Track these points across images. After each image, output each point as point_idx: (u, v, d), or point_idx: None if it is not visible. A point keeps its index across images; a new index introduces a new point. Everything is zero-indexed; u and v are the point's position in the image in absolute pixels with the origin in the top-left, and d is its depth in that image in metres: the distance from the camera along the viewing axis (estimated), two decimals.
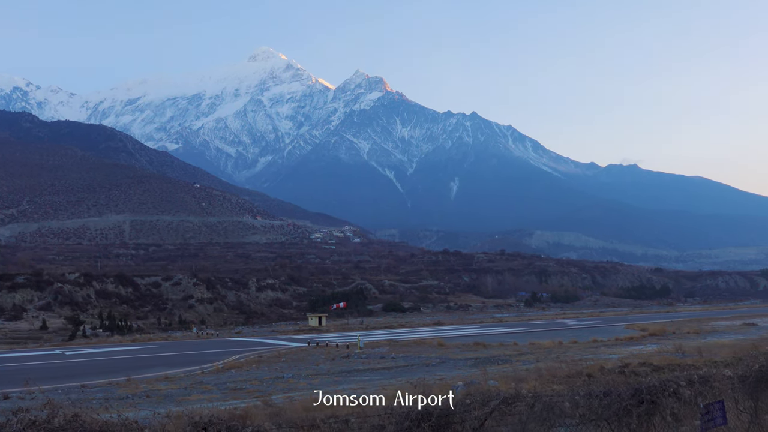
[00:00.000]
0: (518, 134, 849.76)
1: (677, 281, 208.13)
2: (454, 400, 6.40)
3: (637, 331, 52.35)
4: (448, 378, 25.56)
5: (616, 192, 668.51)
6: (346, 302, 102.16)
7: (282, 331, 77.39)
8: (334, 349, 44.71)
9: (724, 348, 32.88)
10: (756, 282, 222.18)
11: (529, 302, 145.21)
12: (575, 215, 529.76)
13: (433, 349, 42.41)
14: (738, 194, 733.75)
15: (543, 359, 32.12)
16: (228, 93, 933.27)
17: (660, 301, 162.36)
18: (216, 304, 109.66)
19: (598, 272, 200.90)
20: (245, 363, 36.47)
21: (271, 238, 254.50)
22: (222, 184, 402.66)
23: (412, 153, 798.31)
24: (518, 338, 48.58)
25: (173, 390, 25.22)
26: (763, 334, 45.91)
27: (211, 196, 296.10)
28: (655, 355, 31.93)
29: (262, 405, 19.83)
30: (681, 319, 75.51)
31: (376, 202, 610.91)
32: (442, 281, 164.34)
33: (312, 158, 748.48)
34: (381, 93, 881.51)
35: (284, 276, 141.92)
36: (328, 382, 27.05)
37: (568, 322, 76.27)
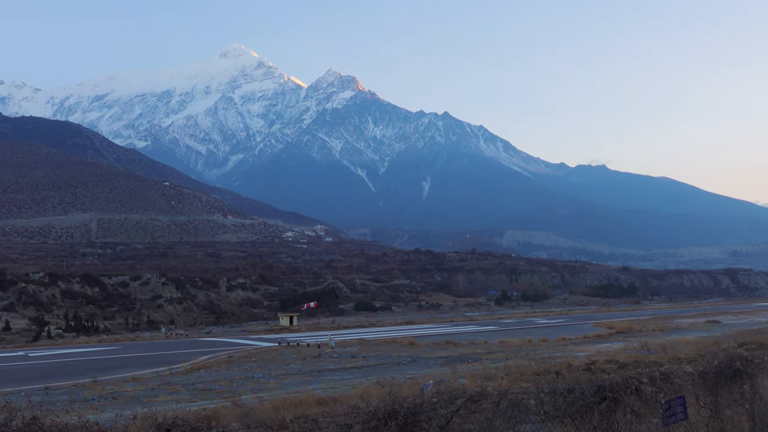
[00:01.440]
0: (489, 134, 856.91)
1: (644, 280, 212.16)
2: (422, 399, 6.46)
3: (604, 329, 53.20)
4: (418, 377, 25.66)
5: (585, 192, 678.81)
6: (318, 301, 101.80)
7: (253, 331, 76.79)
8: (305, 348, 44.53)
9: (688, 345, 33.60)
10: (719, 280, 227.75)
11: (499, 301, 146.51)
12: (545, 215, 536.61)
13: (404, 348, 42.51)
14: (702, 195, 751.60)
15: (512, 357, 32.45)
16: (199, 90, 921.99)
17: (627, 300, 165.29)
18: (185, 304, 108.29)
19: (568, 271, 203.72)
20: (215, 363, 36.10)
21: (242, 237, 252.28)
22: (192, 183, 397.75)
23: (384, 152, 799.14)
24: (489, 337, 48.99)
25: (140, 391, 24.85)
26: (726, 331, 47.07)
27: (180, 194, 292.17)
28: (621, 352, 32.50)
29: (232, 405, 19.66)
30: (647, 316, 76.98)
31: (348, 201, 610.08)
32: (414, 280, 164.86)
33: (284, 157, 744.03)
34: (353, 92, 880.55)
35: (255, 275, 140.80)
36: (298, 381, 26.93)
37: (537, 321, 77.18)
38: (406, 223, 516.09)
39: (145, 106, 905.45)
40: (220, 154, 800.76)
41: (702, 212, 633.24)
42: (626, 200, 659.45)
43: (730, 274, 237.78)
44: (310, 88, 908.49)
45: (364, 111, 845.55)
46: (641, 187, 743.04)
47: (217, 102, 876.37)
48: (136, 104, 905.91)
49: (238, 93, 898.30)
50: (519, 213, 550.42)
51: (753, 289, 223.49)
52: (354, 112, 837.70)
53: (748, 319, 63.33)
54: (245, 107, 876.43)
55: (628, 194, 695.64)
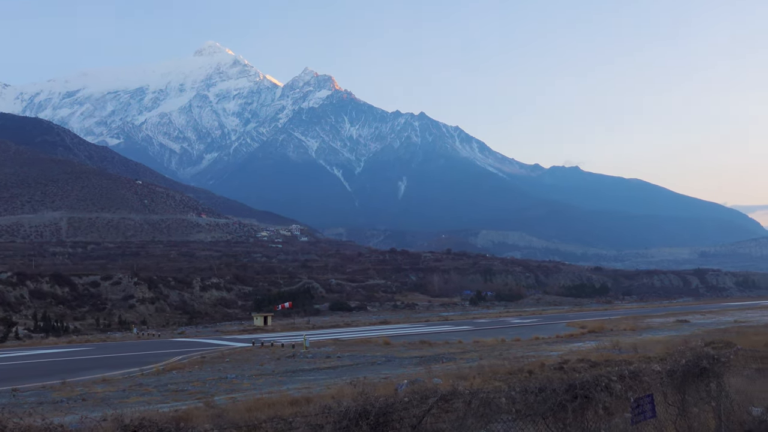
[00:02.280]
0: (465, 135, 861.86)
1: (615, 280, 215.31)
2: (394, 398, 6.46)
3: (577, 329, 53.84)
4: (393, 376, 25.69)
5: (558, 193, 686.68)
6: (293, 301, 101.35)
7: (226, 331, 76.12)
8: (279, 348, 44.28)
9: (658, 344, 34.18)
10: (689, 281, 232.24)
11: (474, 301, 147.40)
12: (520, 215, 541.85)
13: (379, 347, 42.51)
14: (672, 196, 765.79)
15: (486, 357, 32.67)
16: (173, 88, 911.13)
17: (599, 299, 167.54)
18: (158, 304, 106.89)
19: (541, 271, 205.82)
20: (188, 364, 35.69)
21: (216, 237, 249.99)
22: (165, 181, 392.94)
23: (361, 152, 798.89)
24: (463, 336, 49.24)
25: (111, 393, 24.46)
26: (695, 330, 47.98)
27: (153, 193, 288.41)
28: (593, 351, 32.93)
29: (204, 406, 19.47)
30: (619, 316, 78.13)
31: (323, 200, 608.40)
32: (389, 280, 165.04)
33: (259, 156, 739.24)
34: (330, 91, 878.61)
35: (229, 275, 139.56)
36: (272, 382, 26.77)
37: (511, 320, 77.81)
38: (381, 223, 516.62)
39: (118, 103, 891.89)
40: (195, 153, 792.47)
41: (672, 213, 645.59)
42: (599, 201, 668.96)
43: (699, 274, 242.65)
44: (286, 87, 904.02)
45: (340, 110, 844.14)
46: (613, 188, 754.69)
47: (191, 100, 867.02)
48: (109, 101, 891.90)
49: (213, 91, 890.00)
50: (494, 213, 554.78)
51: (721, 290, 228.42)
52: (330, 112, 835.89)
53: (716, 319, 64.66)
54: (220, 105, 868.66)
55: (600, 195, 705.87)
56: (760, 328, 46.41)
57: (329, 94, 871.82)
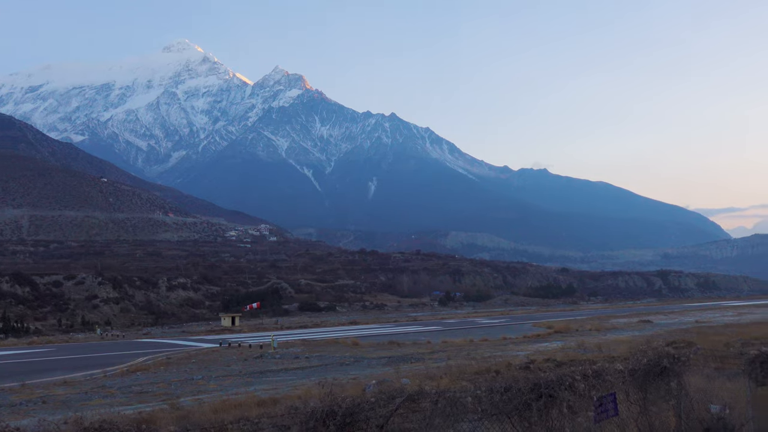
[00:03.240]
0: (435, 136, 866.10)
1: (581, 281, 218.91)
2: (361, 399, 6.46)
3: (543, 329, 54.55)
4: (361, 377, 25.69)
5: (527, 195, 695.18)
6: (261, 302, 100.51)
7: (193, 332, 75.15)
8: (247, 349, 43.91)
9: (622, 344, 34.84)
10: (652, 282, 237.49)
11: (443, 301, 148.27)
12: (488, 217, 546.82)
13: (347, 348, 42.46)
14: (637, 199, 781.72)
15: (455, 357, 32.88)
16: (140, 84, 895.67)
17: (566, 300, 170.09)
18: (123, 304, 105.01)
19: (509, 272, 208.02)
20: (153, 365, 35.14)
21: (184, 236, 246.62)
22: (132, 179, 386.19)
23: (331, 152, 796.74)
24: (432, 337, 49.48)
25: (72, 395, 23.94)
26: (657, 330, 49.05)
27: (119, 191, 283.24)
28: (559, 351, 33.42)
29: (169, 408, 19.20)
30: (584, 317, 79.38)
31: (293, 200, 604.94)
32: (359, 281, 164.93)
33: (228, 154, 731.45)
34: (300, 90, 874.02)
35: (197, 275, 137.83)
36: (239, 383, 26.53)
37: (479, 321, 78.44)
38: (351, 223, 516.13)
39: (83, 98, 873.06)
40: (162, 151, 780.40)
41: (637, 216, 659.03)
42: (566, 203, 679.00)
43: (662, 275, 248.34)
44: (256, 85, 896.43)
45: (311, 110, 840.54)
46: (580, 191, 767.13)
47: (159, 97, 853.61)
48: (73, 97, 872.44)
49: (182, 88, 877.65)
50: (463, 215, 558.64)
51: (683, 290, 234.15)
52: (301, 111, 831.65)
53: (677, 319, 66.17)
54: (189, 103, 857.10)
55: (568, 198, 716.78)
56: (720, 328, 47.69)
57: (300, 93, 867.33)
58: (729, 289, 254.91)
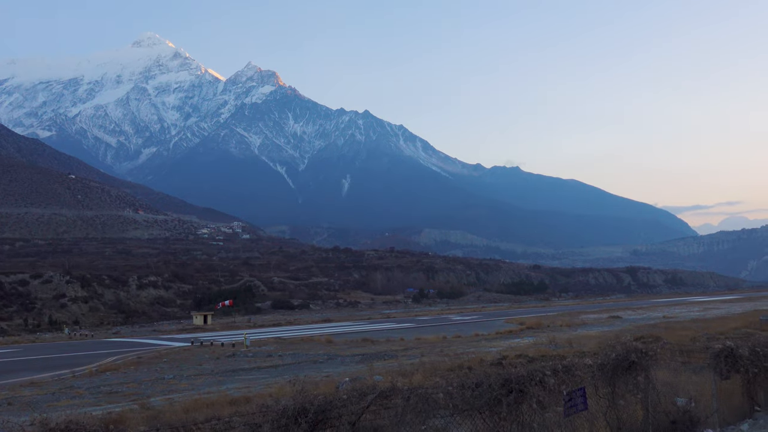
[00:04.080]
0: (409, 134, 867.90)
1: (553, 278, 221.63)
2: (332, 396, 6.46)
3: (515, 325, 55.11)
4: (335, 374, 25.65)
5: (499, 193, 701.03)
6: (234, 300, 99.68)
7: (164, 331, 74.21)
8: (219, 348, 43.53)
9: (592, 339, 35.39)
10: (621, 278, 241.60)
11: (416, 298, 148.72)
12: (462, 214, 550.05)
13: (321, 346, 42.36)
14: (607, 197, 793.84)
15: (428, 354, 33.02)
16: (109, 79, 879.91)
17: (537, 296, 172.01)
18: (92, 303, 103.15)
19: (482, 269, 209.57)
20: (123, 365, 34.62)
21: (155, 234, 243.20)
22: (100, 176, 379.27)
23: (304, 149, 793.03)
24: (405, 334, 49.62)
25: (40, 396, 23.47)
26: (626, 326, 49.91)
27: (87, 188, 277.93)
28: (531, 347, 33.79)
29: (139, 408, 18.95)
30: (555, 313, 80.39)
31: (266, 197, 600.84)
32: (332, 278, 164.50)
33: (200, 151, 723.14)
34: (273, 87, 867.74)
35: (168, 273, 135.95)
36: (211, 382, 26.29)
37: (452, 318, 78.89)
38: (325, 220, 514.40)
39: (50, 93, 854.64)
40: (132, 147, 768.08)
41: (607, 213, 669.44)
42: (538, 201, 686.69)
43: (631, 272, 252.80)
44: (228, 81, 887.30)
45: (284, 107, 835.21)
46: (552, 188, 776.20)
47: (129, 92, 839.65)
48: (40, 91, 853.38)
49: (152, 84, 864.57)
50: (436, 212, 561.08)
51: (651, 287, 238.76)
52: (274, 108, 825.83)
53: (646, 315, 67.42)
54: (159, 99, 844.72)
55: (539, 195, 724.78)
56: (687, 323, 48.74)
57: (273, 89, 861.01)
58: (695, 285, 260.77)
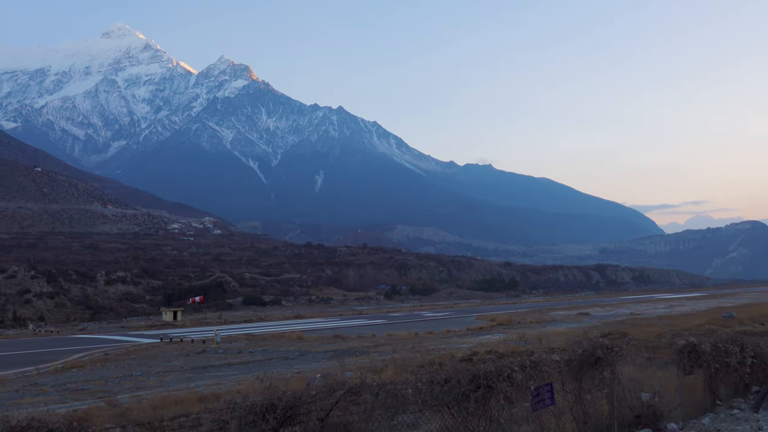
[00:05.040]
0: (383, 131, 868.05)
1: (524, 275, 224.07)
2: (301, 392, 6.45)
3: (486, 322, 55.61)
4: (306, 371, 25.60)
5: (472, 190, 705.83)
6: (204, 296, 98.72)
7: (133, 327, 73.11)
8: (189, 344, 43.08)
9: (561, 336, 35.90)
10: (590, 275, 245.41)
11: (389, 295, 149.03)
12: (434, 211, 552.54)
13: (292, 342, 42.22)
14: (577, 195, 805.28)
15: (399, 350, 33.14)
16: (77, 70, 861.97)
17: (508, 293, 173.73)
18: (58, 299, 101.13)
19: (454, 266, 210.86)
20: (89, 361, 34.04)
21: (123, 229, 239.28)
22: (68, 169, 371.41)
23: (277, 144, 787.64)
24: (377, 330, 49.71)
25: (2, 393, 22.97)
26: (594, 322, 50.75)
27: (54, 181, 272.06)
28: (501, 343, 34.14)
29: (106, 406, 18.68)
30: (526, 309, 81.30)
31: (238, 193, 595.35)
32: (305, 274, 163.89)
33: (171, 145, 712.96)
34: (246, 81, 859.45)
35: (137, 269, 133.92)
36: (180, 379, 26.02)
37: (424, 314, 79.26)
38: (297, 216, 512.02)
39: (15, 84, 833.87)
40: (101, 140, 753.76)
41: (577, 211, 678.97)
42: (510, 199, 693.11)
43: (599, 269, 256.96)
44: (200, 74, 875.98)
45: (257, 101, 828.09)
46: (524, 186, 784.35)
47: (98, 84, 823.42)
48: (5, 82, 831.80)
49: (122, 76, 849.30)
50: (409, 209, 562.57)
51: (619, 284, 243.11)
52: (247, 102, 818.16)
53: (614, 312, 68.63)
54: (129, 91, 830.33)
55: (511, 193, 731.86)
56: (653, 320, 49.77)
57: (246, 84, 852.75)
58: (662, 283, 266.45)
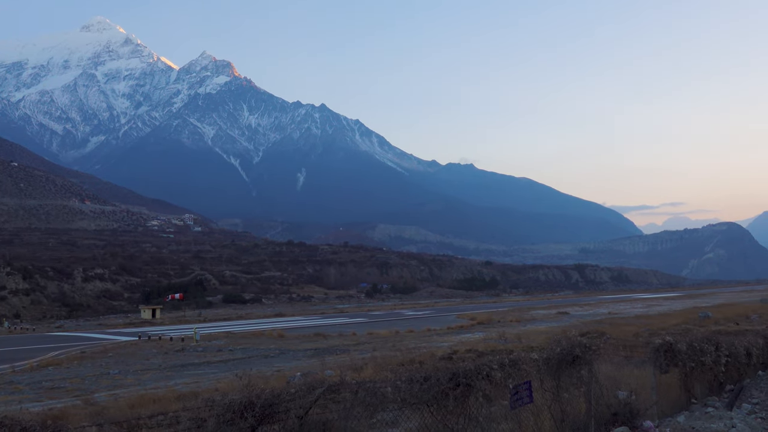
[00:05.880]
0: (365, 129, 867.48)
1: (504, 274, 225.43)
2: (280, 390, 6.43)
3: (467, 320, 55.84)
4: (286, 369, 25.50)
5: (453, 189, 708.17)
6: (184, 293, 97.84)
7: (111, 325, 72.25)
8: (167, 342, 42.68)
9: (540, 335, 36.19)
10: (570, 275, 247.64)
11: (370, 293, 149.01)
12: (416, 210, 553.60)
13: (272, 340, 42.03)
14: (558, 195, 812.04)
15: (380, 348, 33.14)
16: (55, 64, 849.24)
17: (489, 292, 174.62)
18: (34, 296, 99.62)
19: (435, 265, 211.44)
20: (65, 359, 33.57)
21: (102, 225, 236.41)
22: (45, 164, 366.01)
23: (259, 141, 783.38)
24: (357, 328, 49.67)
25: None
26: (573, 321, 51.21)
27: (31, 176, 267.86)
28: (481, 342, 34.32)
29: (82, 404, 18.44)
30: (506, 308, 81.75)
31: (219, 190, 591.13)
32: (286, 272, 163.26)
33: (151, 141, 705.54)
34: (228, 77, 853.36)
35: (115, 266, 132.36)
36: (159, 377, 25.78)
37: (405, 313, 79.37)
38: (279, 214, 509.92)
39: None
40: (79, 135, 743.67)
41: (557, 211, 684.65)
42: (491, 198, 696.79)
43: (579, 269, 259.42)
44: (181, 70, 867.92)
45: (239, 98, 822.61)
46: (505, 186, 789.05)
47: (77, 78, 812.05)
48: None
49: (102, 70, 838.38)
50: (391, 207, 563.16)
51: (598, 283, 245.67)
52: (228, 99, 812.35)
53: (592, 311, 69.31)
54: (109, 86, 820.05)
55: (493, 193, 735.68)
56: (631, 319, 50.36)
57: (228, 80, 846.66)
58: (640, 282, 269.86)
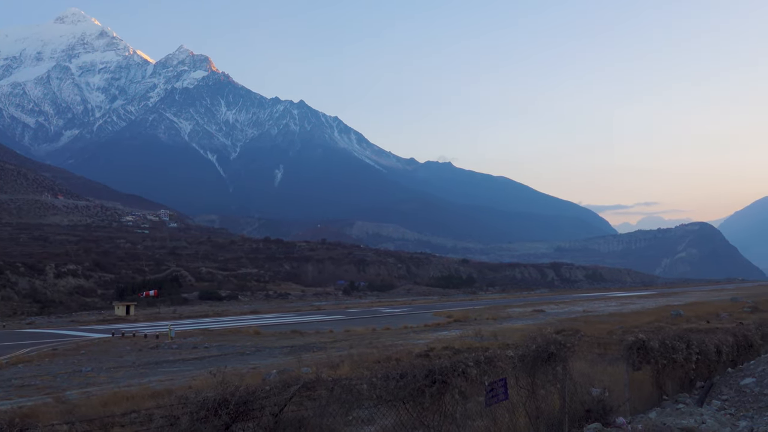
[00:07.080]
0: (344, 126, 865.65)
1: (481, 272, 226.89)
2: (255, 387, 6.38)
3: (443, 318, 56.11)
4: (262, 366, 25.38)
5: (431, 187, 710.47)
6: (159, 290, 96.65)
7: (84, 322, 71.18)
8: (142, 339, 42.19)
9: (516, 332, 36.52)
10: (546, 273, 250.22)
11: (347, 291, 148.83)
12: (394, 208, 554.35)
13: (249, 337, 41.80)
14: (534, 194, 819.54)
15: (357, 346, 33.15)
16: (28, 56, 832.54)
17: (465, 290, 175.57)
18: (4, 292, 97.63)
19: (413, 263, 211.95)
20: (36, 357, 33.00)
21: (75, 220, 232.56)
22: (17, 158, 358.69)
23: (237, 137, 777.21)
24: (334, 326, 49.62)
25: None
26: (549, 319, 51.76)
27: (2, 170, 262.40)
28: (457, 339, 34.51)
29: (53, 402, 18.16)
30: (482, 306, 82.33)
31: (196, 185, 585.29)
32: (262, 269, 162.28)
33: (126, 135, 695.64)
34: (206, 72, 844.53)
35: (88, 261, 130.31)
36: (132, 374, 25.47)
37: (382, 310, 79.47)
38: (256, 211, 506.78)
39: None
40: (52, 128, 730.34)
41: (533, 210, 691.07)
42: (468, 197, 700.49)
43: (554, 267, 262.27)
44: (158, 64, 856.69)
45: (216, 93, 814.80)
46: (482, 185, 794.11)
47: (50, 70, 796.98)
48: None
49: (76, 63, 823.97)
50: (369, 205, 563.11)
51: (573, 282, 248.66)
52: (206, 94, 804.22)
53: (567, 309, 70.12)
54: (83, 79, 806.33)
55: (470, 191, 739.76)
56: (605, 317, 51.08)
57: (205, 75, 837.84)
58: (614, 281, 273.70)
